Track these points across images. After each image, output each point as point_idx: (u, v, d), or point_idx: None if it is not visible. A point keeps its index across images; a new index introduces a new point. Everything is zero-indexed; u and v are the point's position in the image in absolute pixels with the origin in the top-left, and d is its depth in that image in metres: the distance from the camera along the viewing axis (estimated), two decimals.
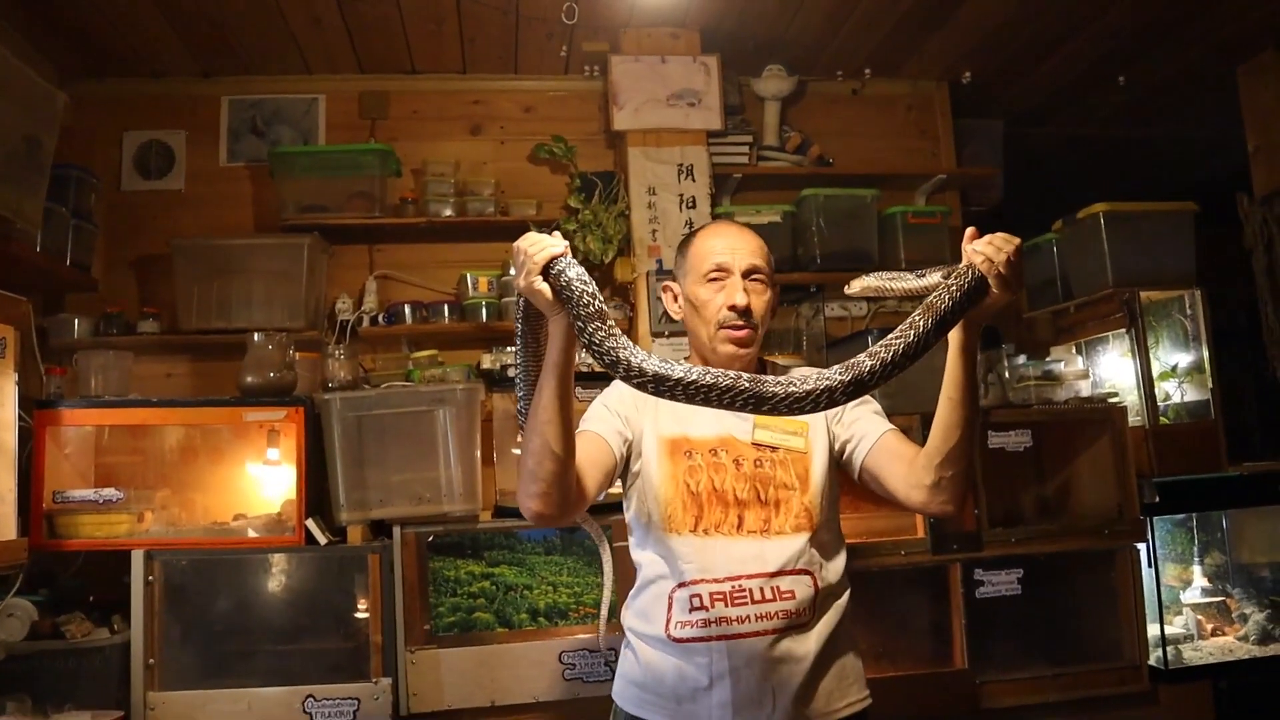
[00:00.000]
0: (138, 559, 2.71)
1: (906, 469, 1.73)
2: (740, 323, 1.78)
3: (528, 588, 2.96)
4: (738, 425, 1.80)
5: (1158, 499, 3.30)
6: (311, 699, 2.71)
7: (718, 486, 1.76)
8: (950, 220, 4.09)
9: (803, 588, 1.72)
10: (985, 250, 1.48)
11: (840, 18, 3.71)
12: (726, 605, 1.70)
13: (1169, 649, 3.28)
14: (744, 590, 1.70)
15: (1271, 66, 4.09)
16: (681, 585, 1.73)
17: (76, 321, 3.39)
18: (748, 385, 1.36)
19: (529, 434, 1.59)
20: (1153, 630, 3.29)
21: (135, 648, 2.68)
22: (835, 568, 1.80)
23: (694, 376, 1.35)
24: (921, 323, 1.43)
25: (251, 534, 2.92)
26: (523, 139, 3.98)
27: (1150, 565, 3.34)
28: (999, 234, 1.50)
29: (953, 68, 4.20)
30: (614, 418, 1.80)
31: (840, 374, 1.38)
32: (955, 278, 1.49)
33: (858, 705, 1.78)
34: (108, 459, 3.06)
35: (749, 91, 4.07)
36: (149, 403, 2.92)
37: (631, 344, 1.42)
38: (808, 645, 1.72)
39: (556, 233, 1.54)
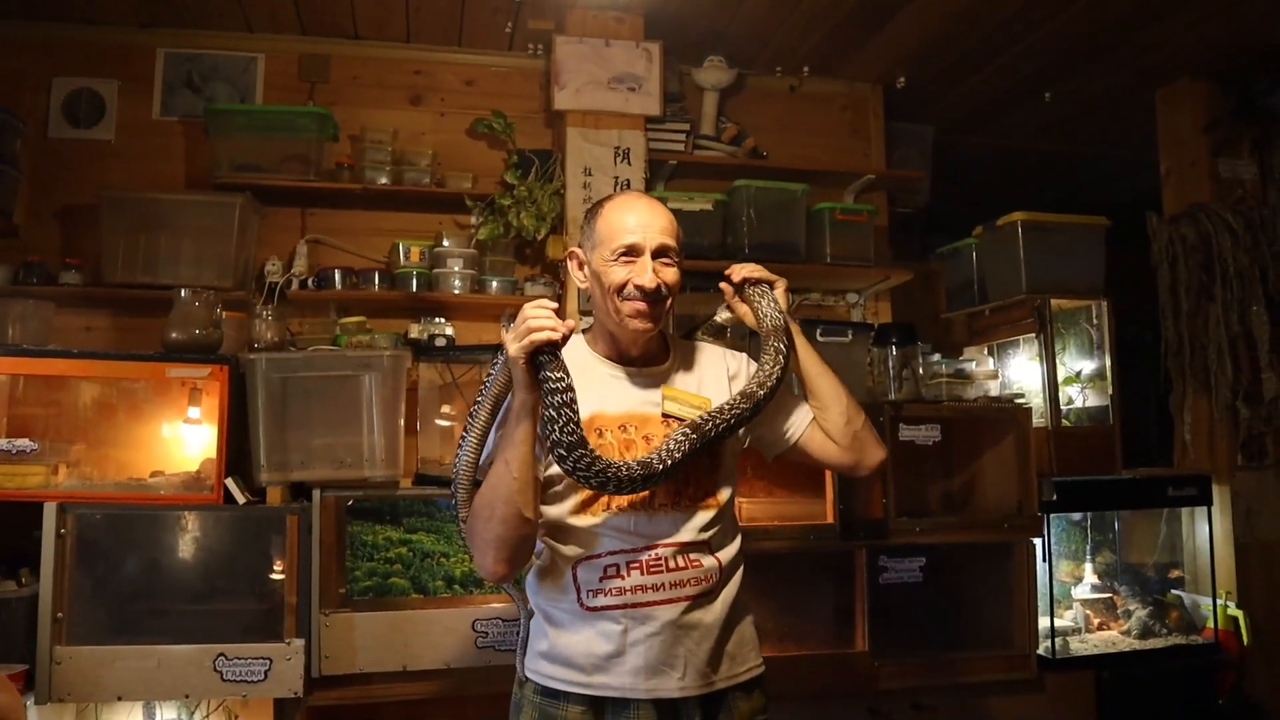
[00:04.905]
0: (50, 511, 2.68)
1: (830, 442, 1.93)
2: (645, 303, 1.78)
3: (445, 555, 3.00)
4: (646, 400, 1.84)
5: (1055, 497, 3.46)
6: (223, 658, 2.72)
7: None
8: (877, 220, 4.21)
9: (709, 558, 1.79)
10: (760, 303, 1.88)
11: (782, 14, 3.78)
12: (642, 574, 1.74)
13: (1057, 640, 3.45)
14: (658, 559, 1.75)
15: (1187, 94, 4.28)
16: (594, 557, 1.76)
17: None
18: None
19: (494, 499, 1.65)
20: (1043, 622, 3.46)
21: (44, 601, 2.65)
22: (735, 539, 1.88)
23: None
24: (741, 407, 1.77)
25: (169, 492, 2.90)
26: (463, 112, 3.98)
27: (1045, 560, 3.51)
28: (751, 269, 1.79)
29: (888, 72, 4.31)
30: None
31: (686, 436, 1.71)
32: (766, 365, 1.84)
33: (755, 670, 1.87)
34: (21, 410, 3.00)
35: (689, 81, 4.13)
36: (70, 354, 2.88)
37: (593, 454, 1.62)
38: (714, 614, 1.79)
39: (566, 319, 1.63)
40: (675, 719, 1.76)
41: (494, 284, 3.71)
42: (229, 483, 2.82)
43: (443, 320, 3.65)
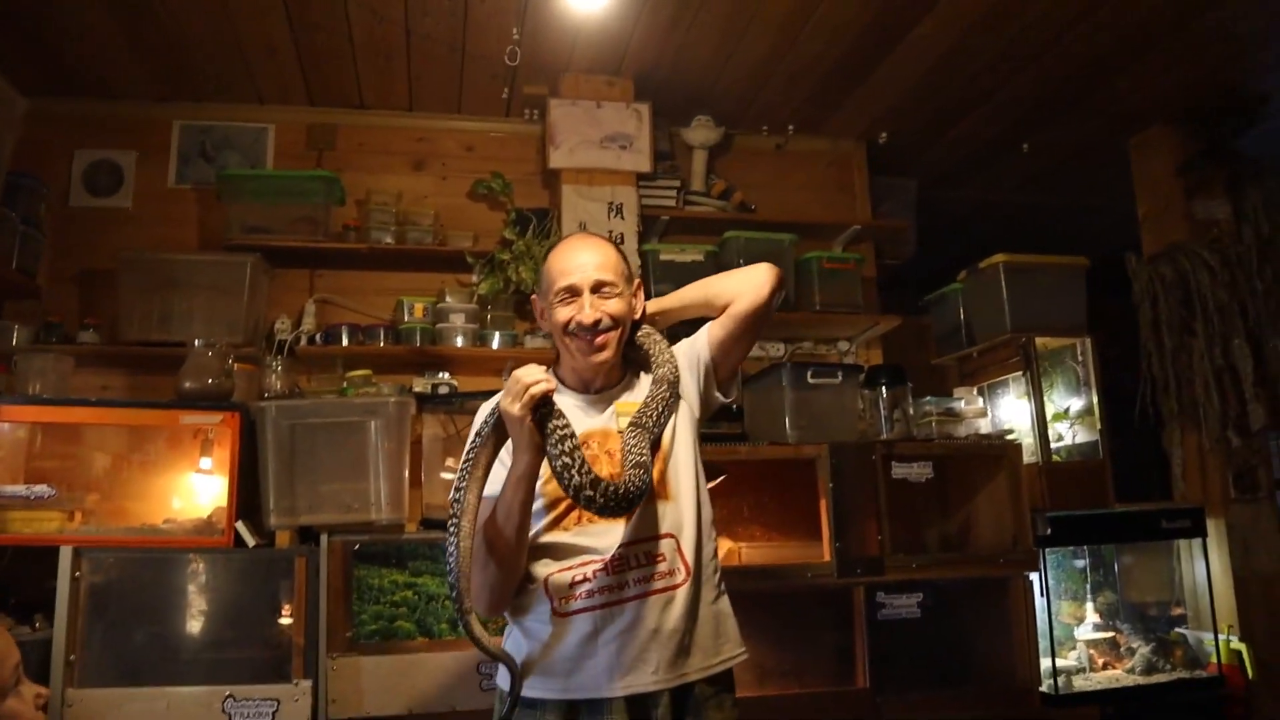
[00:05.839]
0: (65, 555, 2.75)
1: (733, 313, 1.98)
2: (590, 337, 1.89)
3: (450, 599, 3.05)
4: (606, 419, 1.94)
5: (1049, 531, 3.52)
6: (231, 699, 2.76)
7: None
8: (865, 270, 4.34)
9: (670, 550, 1.86)
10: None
11: (764, 75, 3.98)
12: (608, 574, 1.81)
13: (1060, 679, 3.46)
14: (622, 558, 1.82)
15: (1159, 139, 4.44)
16: (565, 569, 1.83)
17: (16, 328, 3.45)
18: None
19: (492, 547, 1.74)
20: (1045, 663, 3.47)
21: (57, 643, 2.71)
22: (702, 528, 1.93)
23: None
24: (663, 393, 1.91)
25: (180, 536, 2.98)
26: (463, 175, 4.16)
27: (1043, 595, 3.55)
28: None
29: (870, 128, 4.49)
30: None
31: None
32: (660, 354, 1.99)
33: (733, 660, 1.92)
34: (40, 463, 3.10)
35: (679, 140, 4.31)
36: (87, 402, 3.01)
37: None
38: (683, 604, 1.84)
39: (549, 372, 1.73)
40: (647, 715, 1.80)
41: (495, 338, 3.83)
42: (239, 526, 2.90)
43: (446, 374, 3.76)
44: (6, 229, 3.28)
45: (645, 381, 2.01)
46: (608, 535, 1.83)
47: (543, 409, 1.69)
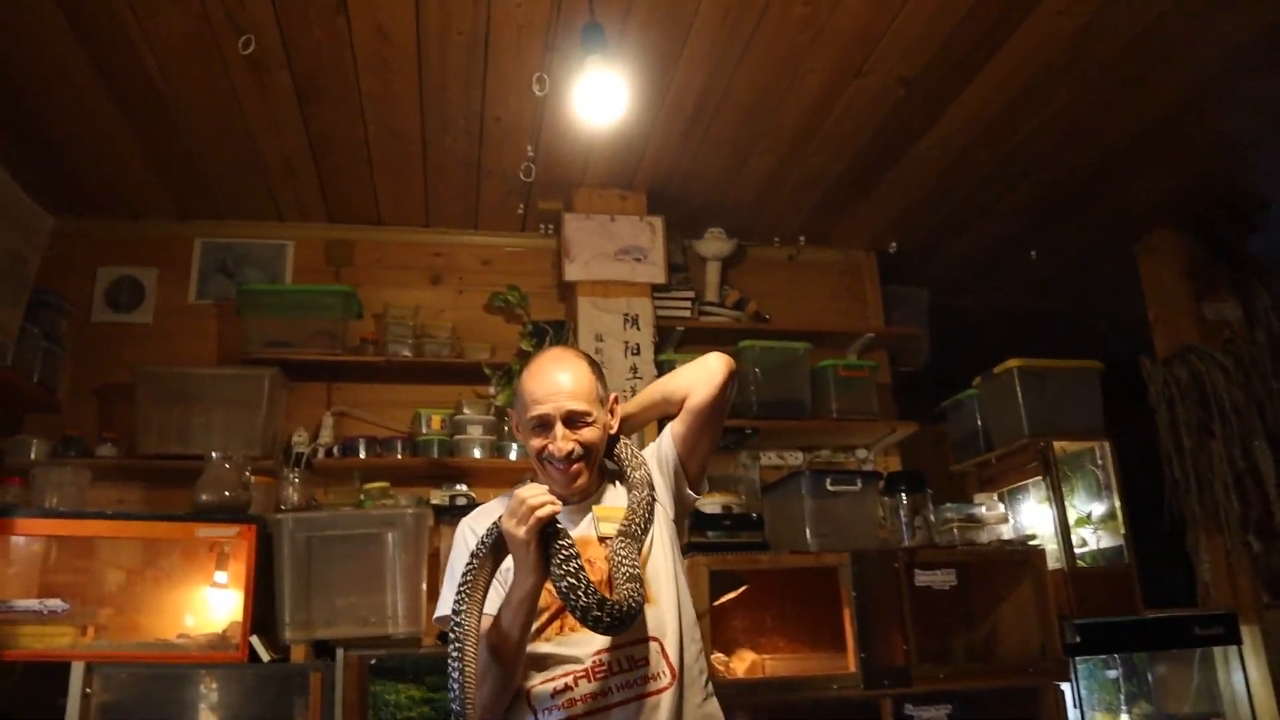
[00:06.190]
0: (77, 671, 2.72)
1: (690, 411, 1.98)
2: (563, 468, 1.88)
3: None
4: (587, 525, 1.92)
5: (1079, 639, 3.44)
6: None
7: None
8: (880, 377, 4.36)
9: (654, 654, 1.81)
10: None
11: (774, 188, 4.08)
12: (589, 681, 1.77)
13: None
14: (603, 664, 1.78)
15: (1165, 244, 4.50)
16: (548, 680, 1.79)
17: (34, 442, 3.46)
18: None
19: (489, 668, 1.72)
20: None
21: None
22: (684, 629, 1.88)
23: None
24: (646, 495, 1.92)
25: (194, 651, 2.93)
26: (480, 289, 4.22)
27: (1075, 705, 3.45)
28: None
29: (879, 238, 4.57)
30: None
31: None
32: (631, 460, 1.99)
33: None
34: (54, 577, 3.07)
35: (692, 251, 4.38)
36: (103, 515, 3.00)
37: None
38: (669, 709, 1.78)
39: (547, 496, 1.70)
40: None
41: (513, 449, 3.82)
42: (254, 640, 2.85)
43: (463, 486, 3.75)
44: (29, 345, 3.32)
45: (617, 488, 2.00)
46: (589, 644, 1.79)
47: (547, 529, 1.66)
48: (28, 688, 2.85)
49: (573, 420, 1.89)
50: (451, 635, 1.66)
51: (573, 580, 1.63)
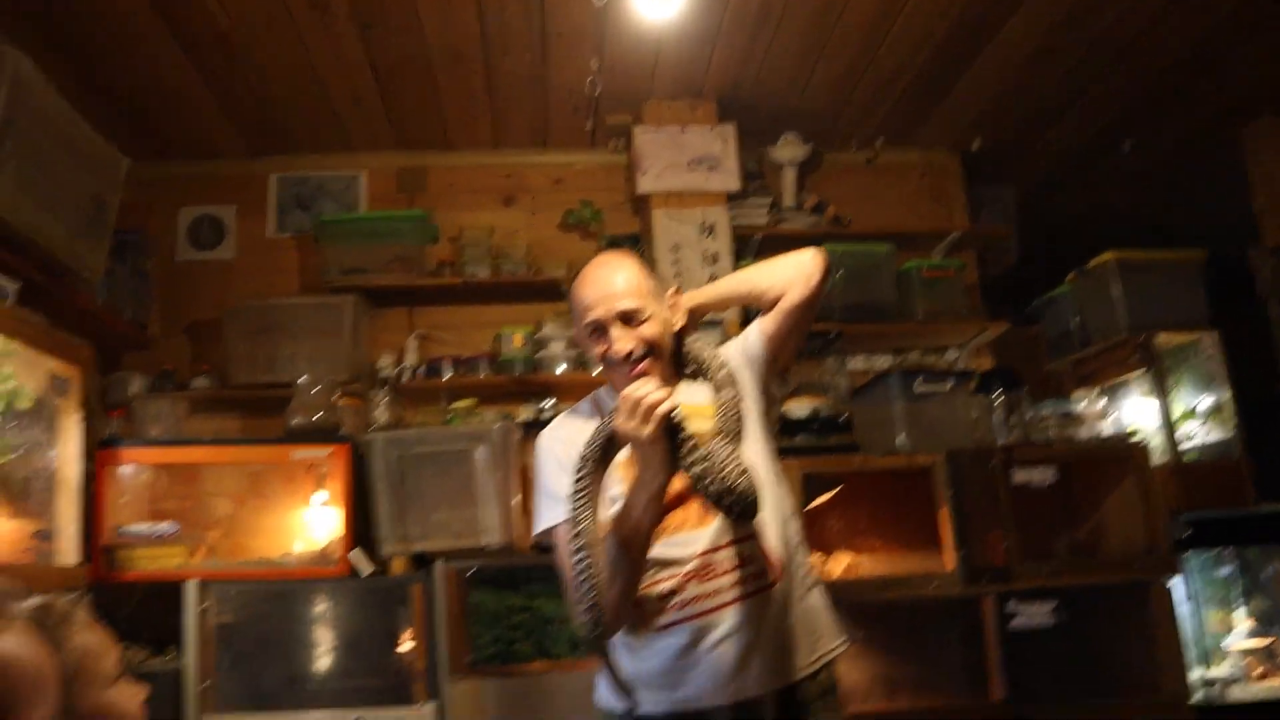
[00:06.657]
0: (191, 588, 2.80)
1: (784, 305, 1.92)
2: (628, 368, 1.81)
3: (566, 620, 3.01)
4: None
5: (1189, 533, 3.33)
6: None
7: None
8: (967, 277, 4.24)
9: (756, 551, 1.80)
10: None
11: (848, 89, 3.94)
12: (699, 583, 1.76)
13: (1214, 689, 3.25)
14: (709, 565, 1.77)
15: (1271, 130, 4.26)
16: (655, 582, 1.78)
17: (133, 378, 3.55)
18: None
19: (624, 568, 1.69)
20: (1196, 673, 3.26)
21: (189, 672, 2.75)
22: (784, 523, 1.86)
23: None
24: (732, 394, 1.83)
25: (298, 567, 3.01)
26: (553, 208, 4.20)
27: (1189, 599, 3.35)
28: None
29: (962, 136, 4.40)
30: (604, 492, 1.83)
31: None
32: (711, 358, 1.92)
33: (835, 653, 1.85)
34: (162, 505, 3.17)
35: (767, 159, 4.27)
36: (202, 441, 3.09)
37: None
38: (777, 604, 1.78)
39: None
40: (754, 717, 1.75)
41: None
42: (354, 555, 2.90)
43: (548, 401, 3.76)
44: (119, 283, 3.41)
45: (694, 383, 1.94)
46: (691, 544, 1.78)
47: (680, 430, 1.63)
48: (148, 607, 2.94)
49: (628, 318, 1.82)
50: (575, 541, 1.64)
51: (706, 464, 1.61)
